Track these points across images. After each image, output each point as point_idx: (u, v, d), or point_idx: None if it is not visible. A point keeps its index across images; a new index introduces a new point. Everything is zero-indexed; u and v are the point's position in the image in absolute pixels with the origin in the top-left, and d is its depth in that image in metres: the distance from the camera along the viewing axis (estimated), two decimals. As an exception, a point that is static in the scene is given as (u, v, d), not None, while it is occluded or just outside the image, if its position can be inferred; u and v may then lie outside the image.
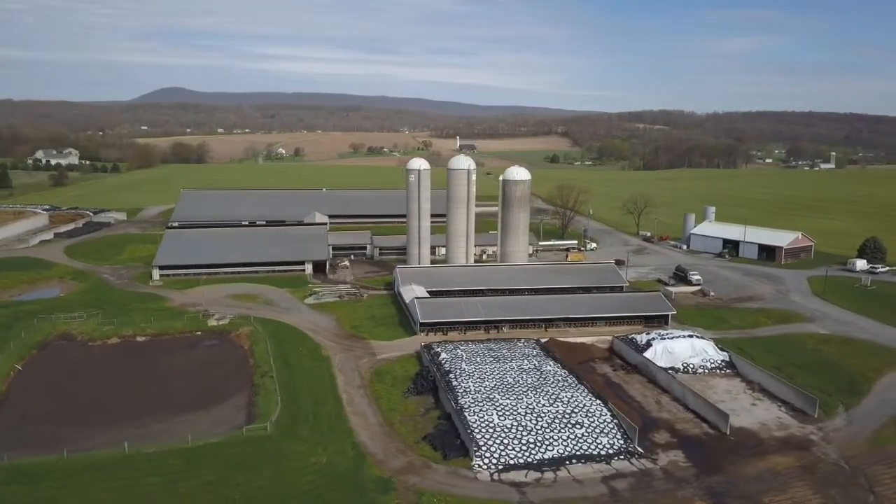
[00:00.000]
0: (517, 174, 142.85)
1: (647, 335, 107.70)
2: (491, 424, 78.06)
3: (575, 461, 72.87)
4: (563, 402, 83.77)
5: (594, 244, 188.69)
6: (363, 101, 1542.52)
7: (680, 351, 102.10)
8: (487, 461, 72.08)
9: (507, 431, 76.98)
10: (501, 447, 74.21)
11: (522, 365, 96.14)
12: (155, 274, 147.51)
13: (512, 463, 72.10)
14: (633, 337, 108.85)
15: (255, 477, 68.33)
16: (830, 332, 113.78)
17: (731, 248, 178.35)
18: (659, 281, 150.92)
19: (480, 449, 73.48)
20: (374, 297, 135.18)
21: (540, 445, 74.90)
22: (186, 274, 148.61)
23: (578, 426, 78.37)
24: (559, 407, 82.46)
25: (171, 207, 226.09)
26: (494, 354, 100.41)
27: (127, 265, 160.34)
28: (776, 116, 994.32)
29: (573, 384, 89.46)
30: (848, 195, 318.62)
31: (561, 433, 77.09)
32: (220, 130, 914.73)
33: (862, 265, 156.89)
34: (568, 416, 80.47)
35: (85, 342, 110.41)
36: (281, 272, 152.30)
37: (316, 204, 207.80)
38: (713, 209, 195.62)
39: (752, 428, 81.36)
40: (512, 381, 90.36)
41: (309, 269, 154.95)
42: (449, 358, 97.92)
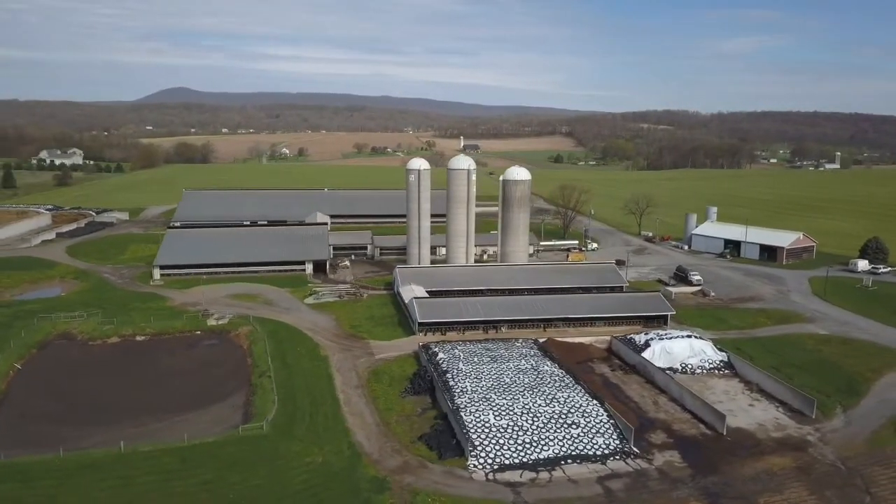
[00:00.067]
0: (517, 174, 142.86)
1: (645, 335, 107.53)
2: (487, 424, 78.06)
3: (570, 461, 72.78)
4: (559, 402, 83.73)
5: (595, 244, 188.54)
6: (367, 101, 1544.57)
7: (678, 351, 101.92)
8: (483, 461, 72.06)
9: (502, 431, 76.97)
10: (497, 447, 74.21)
11: (520, 365, 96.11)
12: (156, 274, 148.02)
13: (507, 463, 72.05)
14: (631, 337, 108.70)
15: (250, 476, 68.50)
16: (830, 332, 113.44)
17: (732, 248, 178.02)
18: (659, 281, 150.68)
19: (476, 449, 73.50)
20: (373, 296, 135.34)
21: (536, 445, 74.86)
22: (187, 274, 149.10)
23: (574, 426, 78.32)
24: (555, 407, 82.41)
25: (173, 207, 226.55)
26: (492, 354, 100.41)
27: (128, 265, 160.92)
28: (781, 116, 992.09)
29: (570, 384, 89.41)
30: (851, 195, 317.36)
31: (557, 433, 77.04)
32: (224, 130, 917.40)
33: (864, 265, 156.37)
34: (564, 416, 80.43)
35: (85, 341, 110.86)
36: (281, 272, 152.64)
37: (317, 204, 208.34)
38: (715, 209, 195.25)
39: (749, 428, 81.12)
40: (509, 381, 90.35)
41: (309, 268, 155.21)
42: (446, 358, 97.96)
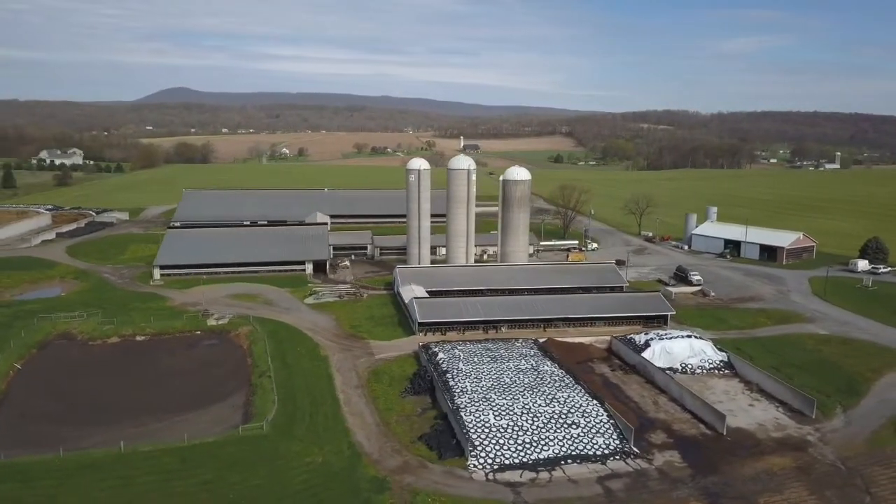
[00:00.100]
0: (517, 174, 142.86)
1: (645, 335, 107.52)
2: (487, 424, 78.06)
3: (570, 461, 72.77)
4: (559, 402, 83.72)
5: (595, 244, 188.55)
6: (367, 101, 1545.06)
7: (678, 351, 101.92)
8: (483, 461, 72.05)
9: (502, 431, 76.97)
10: (497, 447, 74.20)
11: (520, 365, 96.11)
12: (156, 273, 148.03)
13: (507, 463, 72.04)
14: (631, 337, 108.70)
15: (250, 476, 68.51)
16: (830, 332, 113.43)
17: (732, 248, 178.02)
18: (659, 281, 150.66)
19: (476, 449, 73.50)
20: (373, 296, 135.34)
21: (535, 445, 74.85)
22: (187, 273, 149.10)
23: (574, 426, 78.32)
24: (555, 407, 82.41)
25: (173, 207, 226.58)
26: (492, 354, 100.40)
27: (128, 265, 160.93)
28: (781, 116, 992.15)
29: (570, 384, 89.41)
30: (851, 195, 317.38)
31: (557, 433, 77.04)
32: (224, 130, 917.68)
33: (864, 265, 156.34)
34: (564, 416, 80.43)
35: (85, 341, 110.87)
36: (281, 272, 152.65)
37: (318, 204, 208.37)
38: (715, 209, 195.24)
39: (749, 428, 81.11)
40: (509, 381, 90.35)
41: (309, 268, 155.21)
42: (446, 358, 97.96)
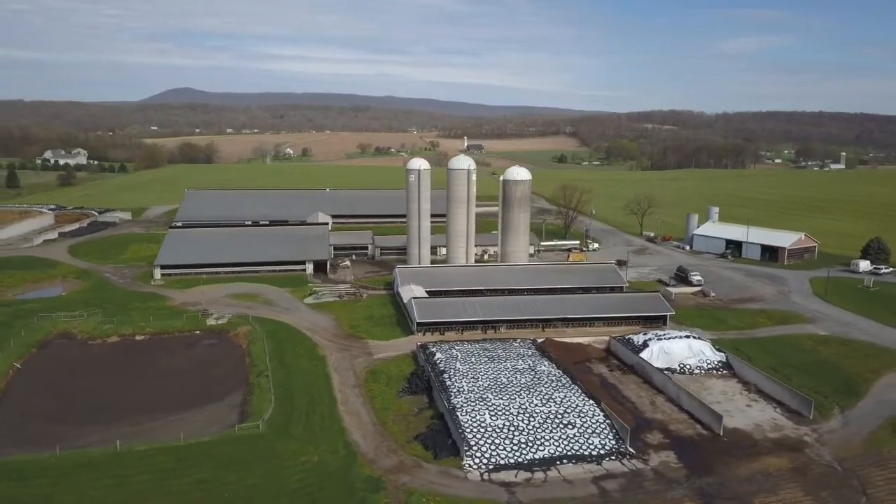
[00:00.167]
0: (517, 174, 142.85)
1: (643, 336, 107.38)
2: (483, 424, 78.09)
3: (566, 461, 72.75)
4: (555, 402, 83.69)
5: (596, 244, 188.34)
6: (371, 101, 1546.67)
7: (677, 351, 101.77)
8: (478, 461, 72.08)
9: (498, 431, 76.98)
10: (492, 447, 74.21)
11: (517, 365, 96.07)
12: (157, 273, 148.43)
13: (502, 463, 72.05)
14: (629, 337, 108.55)
15: (246, 475, 68.69)
16: (830, 333, 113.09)
17: (733, 248, 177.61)
18: (660, 281, 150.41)
19: (471, 449, 73.53)
20: (373, 296, 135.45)
21: (531, 445, 74.85)
22: (188, 273, 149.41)
23: (570, 426, 78.28)
24: (552, 407, 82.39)
25: (175, 207, 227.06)
26: (489, 354, 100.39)
27: (130, 265, 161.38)
28: (786, 116, 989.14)
29: (567, 384, 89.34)
30: (852, 196, 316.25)
31: (553, 433, 77.01)
32: (229, 130, 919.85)
33: (865, 266, 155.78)
34: (560, 416, 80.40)
35: (85, 341, 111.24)
36: (282, 272, 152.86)
37: (319, 204, 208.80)
38: (716, 209, 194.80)
39: (745, 429, 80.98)
40: (506, 381, 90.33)
41: (310, 268, 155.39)
42: (444, 358, 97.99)
